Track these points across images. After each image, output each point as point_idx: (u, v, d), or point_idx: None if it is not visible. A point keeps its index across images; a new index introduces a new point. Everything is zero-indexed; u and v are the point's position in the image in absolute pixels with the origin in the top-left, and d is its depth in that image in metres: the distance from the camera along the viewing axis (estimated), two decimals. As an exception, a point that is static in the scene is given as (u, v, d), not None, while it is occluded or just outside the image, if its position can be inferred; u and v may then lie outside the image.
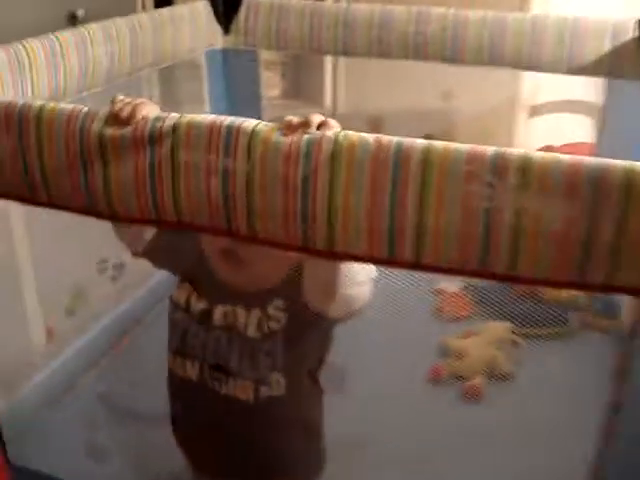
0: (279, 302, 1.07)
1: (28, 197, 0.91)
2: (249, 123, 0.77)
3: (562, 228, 0.68)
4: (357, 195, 0.73)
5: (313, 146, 0.73)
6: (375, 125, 2.25)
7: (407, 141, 0.71)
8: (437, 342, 1.73)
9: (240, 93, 2.00)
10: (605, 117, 1.74)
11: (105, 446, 1.31)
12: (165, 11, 1.69)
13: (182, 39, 1.74)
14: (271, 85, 2.41)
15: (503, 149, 0.69)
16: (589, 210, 0.67)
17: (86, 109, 0.85)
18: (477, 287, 1.90)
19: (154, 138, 0.80)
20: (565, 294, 1.81)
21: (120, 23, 1.51)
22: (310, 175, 0.73)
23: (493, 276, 0.74)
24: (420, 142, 0.71)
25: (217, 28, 1.90)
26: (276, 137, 0.75)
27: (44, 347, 1.50)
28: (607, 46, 1.66)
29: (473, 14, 1.71)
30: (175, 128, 0.79)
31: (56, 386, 1.53)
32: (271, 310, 1.07)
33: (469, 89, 2.11)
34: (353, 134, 0.73)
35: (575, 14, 1.70)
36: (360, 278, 0.98)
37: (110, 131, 0.82)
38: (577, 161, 0.67)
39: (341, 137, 0.73)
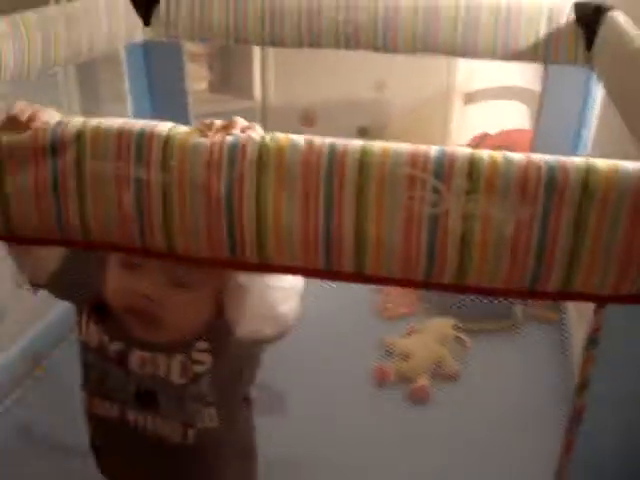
0: (202, 344, 0.97)
1: None
2: (163, 126, 0.68)
3: (513, 233, 0.62)
4: (288, 203, 0.65)
5: (237, 150, 0.65)
6: (307, 118, 2.18)
7: (341, 143, 0.64)
8: (381, 342, 1.67)
9: (164, 88, 1.91)
10: (543, 103, 1.71)
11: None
12: (79, 3, 1.58)
13: (99, 32, 1.62)
14: (197, 78, 2.30)
15: (449, 149, 0.62)
16: (543, 213, 0.61)
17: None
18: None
19: (56, 146, 0.70)
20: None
21: (29, 16, 1.39)
22: (235, 182, 0.65)
23: (440, 287, 0.67)
24: (356, 143, 0.63)
25: (137, 20, 1.79)
26: (195, 141, 0.66)
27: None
28: (543, 30, 1.62)
29: (405, 1, 1.65)
30: (79, 135, 0.69)
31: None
32: (195, 354, 0.97)
33: (403, 78, 2.06)
34: (282, 136, 0.65)
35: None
36: (290, 293, 0.90)
37: (6, 138, 0.72)
38: (530, 161, 0.61)
39: (268, 139, 0.65)
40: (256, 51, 2.28)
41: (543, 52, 1.63)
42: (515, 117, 2.29)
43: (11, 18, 1.35)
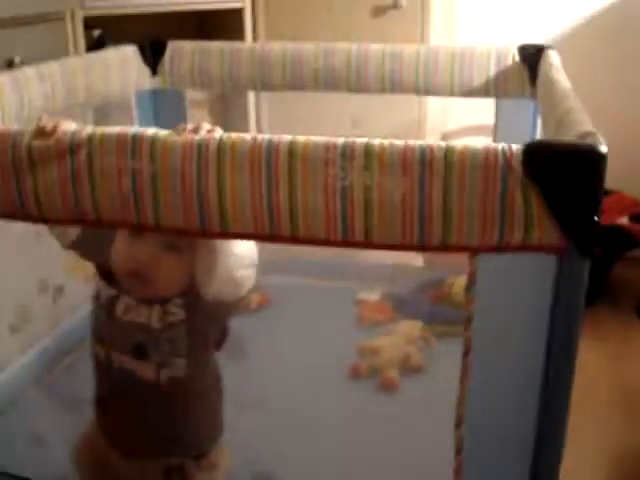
0: (178, 300, 1.23)
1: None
2: (150, 131, 0.94)
3: (401, 199, 0.86)
4: (241, 183, 0.90)
5: (203, 145, 0.90)
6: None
7: (276, 137, 0.89)
8: (356, 346, 1.88)
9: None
10: (496, 135, 1.95)
11: (46, 434, 1.43)
12: (95, 55, 1.87)
13: (112, 80, 1.91)
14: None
15: (351, 139, 0.87)
16: (420, 184, 0.85)
17: (17, 127, 1.00)
18: (395, 295, 2.09)
19: (73, 148, 0.96)
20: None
21: (52, 65, 1.67)
22: (202, 169, 0.90)
23: (354, 245, 0.90)
24: (286, 137, 0.88)
25: (146, 70, 2.07)
26: (173, 139, 0.92)
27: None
28: (493, 70, 1.88)
29: (373, 47, 1.92)
30: (90, 138, 0.95)
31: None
32: (171, 307, 1.23)
33: (376, 115, 2.32)
34: (234, 135, 0.91)
35: (470, 42, 1.92)
36: (245, 262, 1.15)
37: (37, 143, 0.98)
38: (407, 144, 0.85)
39: (225, 137, 0.90)
40: (251, 98, 2.57)
41: (494, 88, 1.89)
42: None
43: (37, 67, 1.63)
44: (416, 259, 2.18)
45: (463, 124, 2.63)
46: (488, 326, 0.95)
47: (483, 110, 2.47)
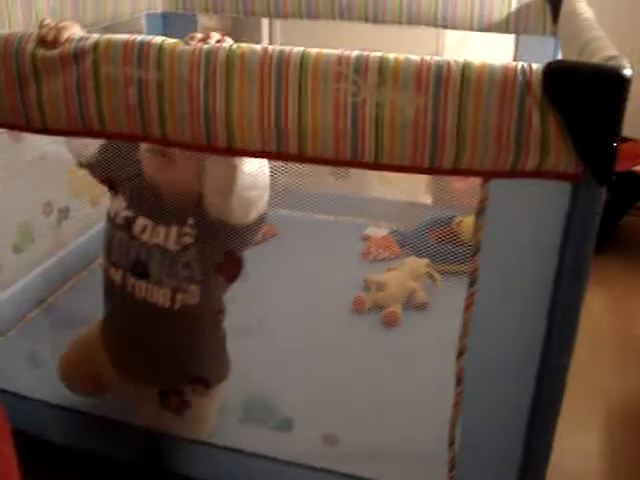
0: (190, 220, 1.21)
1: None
2: (158, 38, 0.90)
3: (414, 117, 0.83)
4: (249, 96, 0.87)
5: (211, 54, 0.87)
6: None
7: (287, 48, 0.85)
8: (361, 279, 1.87)
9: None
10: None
11: (44, 354, 1.44)
12: (106, -27, 1.81)
13: (122, 1, 1.86)
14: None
15: (365, 52, 0.84)
16: (434, 100, 0.82)
17: (21, 33, 0.97)
18: (401, 232, 2.07)
19: (78, 56, 0.93)
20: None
21: (62, -19, 1.63)
22: (210, 79, 0.87)
23: (363, 165, 0.88)
24: (298, 49, 0.85)
25: (157, -8, 2.02)
26: (181, 48, 0.88)
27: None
28: (513, 4, 1.82)
29: (392, -23, 1.86)
30: (96, 46, 0.92)
31: (4, 320, 1.64)
32: (185, 228, 1.21)
33: (391, 49, 2.25)
34: (244, 45, 0.87)
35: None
36: (256, 183, 1.12)
37: (41, 52, 0.95)
38: (423, 59, 0.82)
39: (235, 46, 0.87)
40: (264, 26, 2.51)
41: (514, 24, 1.83)
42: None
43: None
44: (424, 197, 2.15)
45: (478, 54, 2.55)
46: (495, 255, 0.93)
47: (502, 47, 2.40)
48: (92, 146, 1.25)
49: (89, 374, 1.36)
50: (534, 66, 0.81)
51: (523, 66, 0.81)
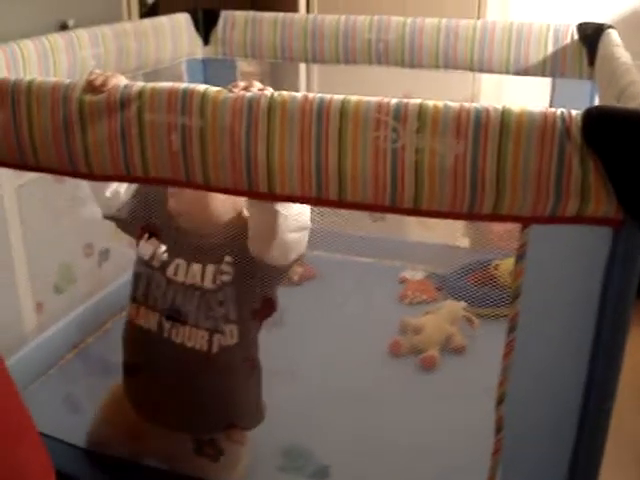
0: (229, 258, 1.22)
1: (19, 163, 1.06)
2: (201, 86, 0.93)
3: (453, 163, 0.83)
4: (290, 143, 0.88)
5: (254, 102, 0.89)
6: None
7: (328, 96, 0.87)
8: (398, 322, 1.86)
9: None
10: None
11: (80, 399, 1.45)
12: (148, 21, 1.87)
13: (164, 47, 1.91)
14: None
15: (405, 100, 0.85)
16: (473, 147, 0.82)
17: (68, 80, 1.00)
18: (439, 275, 2.06)
19: (124, 103, 0.95)
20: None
21: (106, 29, 1.68)
22: (251, 126, 0.89)
23: (402, 211, 0.88)
24: (338, 97, 0.86)
25: (197, 39, 2.07)
26: (224, 95, 0.90)
27: (34, 321, 1.64)
28: (550, 48, 1.83)
29: (429, 21, 1.88)
30: (141, 93, 0.94)
31: (43, 360, 1.66)
32: (223, 266, 1.22)
33: (428, 92, 2.27)
34: (285, 93, 0.89)
35: (525, 20, 1.87)
36: (296, 225, 1.13)
37: (88, 98, 0.97)
38: (462, 106, 0.83)
39: (276, 94, 0.89)
40: (302, 71, 2.54)
41: (550, 67, 1.84)
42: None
43: (91, 30, 1.64)
44: (462, 240, 2.15)
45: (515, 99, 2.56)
46: (535, 302, 0.92)
47: (538, 90, 2.41)
48: (121, 196, 1.26)
49: (120, 436, 1.35)
50: (573, 112, 0.81)
51: (562, 112, 0.81)
